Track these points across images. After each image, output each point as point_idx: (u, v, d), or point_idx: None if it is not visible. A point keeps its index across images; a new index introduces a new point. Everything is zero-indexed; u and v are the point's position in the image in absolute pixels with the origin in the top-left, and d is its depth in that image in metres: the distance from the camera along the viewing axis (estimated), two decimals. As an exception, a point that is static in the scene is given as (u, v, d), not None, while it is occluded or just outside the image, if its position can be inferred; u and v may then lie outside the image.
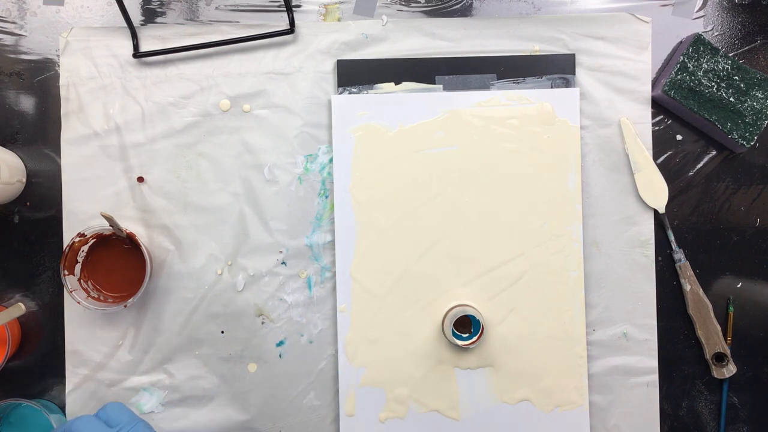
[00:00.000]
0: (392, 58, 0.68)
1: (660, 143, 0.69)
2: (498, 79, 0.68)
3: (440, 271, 0.68)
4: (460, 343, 0.65)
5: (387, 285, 0.67)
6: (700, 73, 0.67)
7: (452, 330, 0.66)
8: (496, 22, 0.69)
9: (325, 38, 0.68)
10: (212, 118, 0.68)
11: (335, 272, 0.68)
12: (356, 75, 0.68)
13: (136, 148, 0.68)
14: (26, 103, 0.69)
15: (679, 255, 0.68)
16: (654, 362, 0.68)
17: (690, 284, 0.68)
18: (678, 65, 0.66)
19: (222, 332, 0.68)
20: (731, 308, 0.69)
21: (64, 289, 0.66)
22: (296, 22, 0.68)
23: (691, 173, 0.70)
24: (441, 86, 0.68)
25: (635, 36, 0.69)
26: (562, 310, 0.68)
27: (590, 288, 0.68)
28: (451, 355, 0.67)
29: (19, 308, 0.62)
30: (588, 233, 0.68)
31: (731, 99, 0.67)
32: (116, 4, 0.65)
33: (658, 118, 0.70)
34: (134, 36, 0.68)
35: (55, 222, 0.68)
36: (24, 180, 0.68)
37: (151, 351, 0.68)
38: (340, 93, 0.68)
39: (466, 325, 0.68)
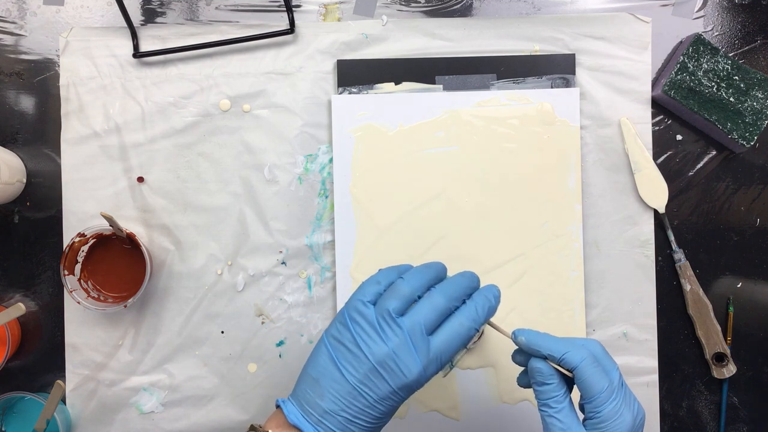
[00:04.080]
0: (392, 58, 0.68)
1: (660, 143, 0.69)
2: (498, 79, 0.68)
3: (440, 271, 0.67)
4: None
5: (387, 285, 0.67)
6: (700, 73, 0.67)
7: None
8: (496, 22, 0.69)
9: (325, 38, 0.68)
10: (212, 118, 0.68)
11: (335, 272, 0.68)
12: (356, 75, 0.68)
13: (136, 148, 0.68)
14: (26, 103, 0.69)
15: (679, 255, 0.68)
16: (654, 362, 0.68)
17: (690, 284, 0.68)
18: (678, 65, 0.66)
19: (222, 332, 0.68)
20: (731, 308, 0.69)
21: (64, 289, 0.66)
22: (296, 22, 0.68)
23: (691, 173, 0.70)
24: (441, 86, 0.68)
25: (635, 36, 0.69)
26: (562, 310, 0.68)
27: (590, 288, 0.68)
28: (451, 355, 0.67)
29: (19, 308, 0.62)
30: (588, 233, 0.68)
31: (731, 99, 0.67)
32: (116, 4, 0.65)
33: (658, 118, 0.70)
34: (134, 36, 0.68)
35: (55, 222, 0.68)
36: (24, 180, 0.68)
37: (151, 351, 0.68)
38: (340, 93, 0.68)
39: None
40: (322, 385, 0.50)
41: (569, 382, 0.52)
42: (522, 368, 0.55)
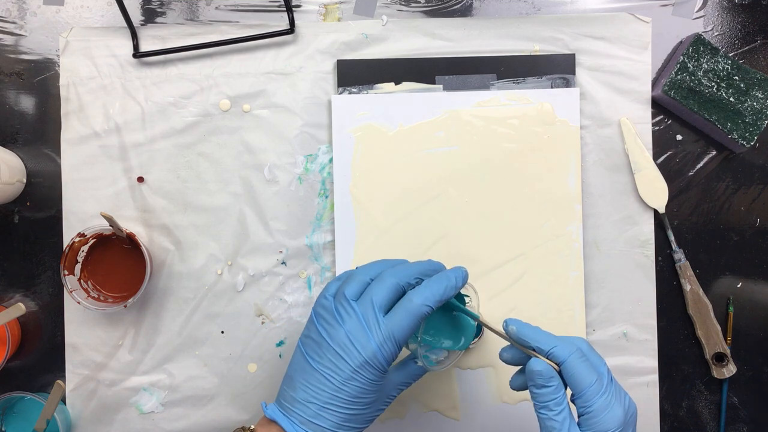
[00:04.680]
0: (392, 58, 0.68)
1: (660, 143, 0.69)
2: (498, 79, 0.68)
3: (440, 271, 0.67)
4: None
5: (387, 285, 0.67)
6: (700, 73, 0.67)
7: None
8: (496, 22, 0.69)
9: (325, 38, 0.68)
10: (212, 118, 0.68)
11: (335, 272, 0.68)
12: (356, 75, 0.68)
13: (136, 148, 0.68)
14: (26, 103, 0.69)
15: (679, 255, 0.68)
16: (654, 362, 0.68)
17: (690, 284, 0.68)
18: (678, 65, 0.66)
19: (222, 332, 0.68)
20: (731, 308, 0.69)
21: (64, 289, 0.66)
22: (296, 22, 0.68)
23: (691, 173, 0.70)
24: (441, 86, 0.68)
25: (635, 36, 0.69)
26: (562, 311, 0.68)
27: (590, 288, 0.68)
28: (451, 355, 0.67)
29: (19, 308, 0.62)
30: (588, 233, 0.68)
31: (731, 99, 0.67)
32: (116, 4, 0.65)
33: (658, 118, 0.70)
34: (134, 36, 0.68)
35: (55, 222, 0.68)
36: (24, 180, 0.68)
37: (151, 351, 0.68)
38: (340, 93, 0.68)
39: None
40: (294, 379, 0.53)
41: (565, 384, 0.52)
42: (516, 368, 0.55)
